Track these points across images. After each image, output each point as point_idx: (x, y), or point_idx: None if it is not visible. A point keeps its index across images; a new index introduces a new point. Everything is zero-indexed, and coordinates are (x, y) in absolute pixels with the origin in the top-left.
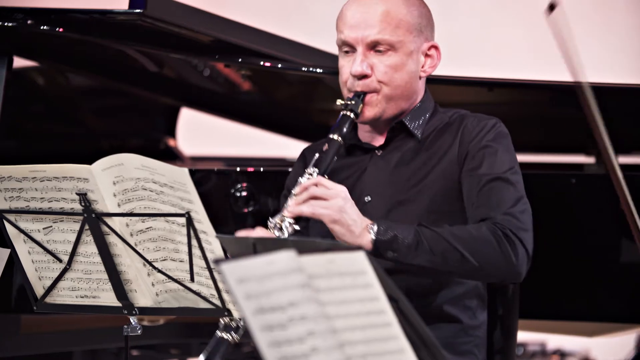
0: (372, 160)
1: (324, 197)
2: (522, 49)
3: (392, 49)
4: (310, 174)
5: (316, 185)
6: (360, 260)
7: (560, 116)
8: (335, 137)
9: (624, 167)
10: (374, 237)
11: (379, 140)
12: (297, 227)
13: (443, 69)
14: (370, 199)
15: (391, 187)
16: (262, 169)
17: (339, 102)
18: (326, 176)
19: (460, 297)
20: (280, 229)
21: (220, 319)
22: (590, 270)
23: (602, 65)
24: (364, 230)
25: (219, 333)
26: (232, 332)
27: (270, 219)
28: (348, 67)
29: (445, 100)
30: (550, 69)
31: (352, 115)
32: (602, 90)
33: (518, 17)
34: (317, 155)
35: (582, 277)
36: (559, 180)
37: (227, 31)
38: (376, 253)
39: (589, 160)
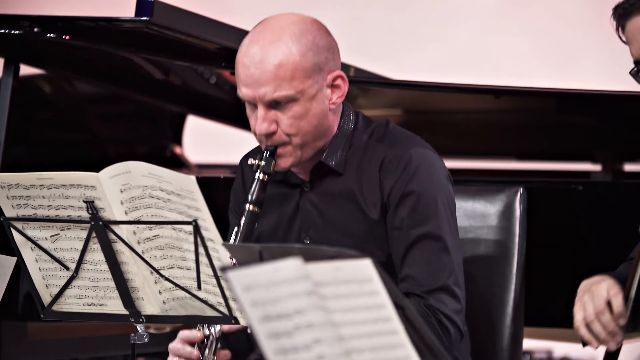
0: (303, 197)
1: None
2: (528, 57)
3: (292, 100)
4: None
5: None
6: (366, 268)
7: (566, 123)
8: (251, 207)
9: (630, 175)
10: None
11: (305, 175)
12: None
13: (449, 77)
14: (308, 241)
15: (326, 229)
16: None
17: (250, 161)
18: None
19: None
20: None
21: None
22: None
23: (607, 73)
24: None
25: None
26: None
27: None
28: (254, 119)
29: (451, 108)
30: (556, 76)
31: (265, 177)
32: (605, 98)
33: (525, 25)
34: (235, 229)
35: None
36: (565, 187)
37: (234, 38)
38: None
39: (595, 167)
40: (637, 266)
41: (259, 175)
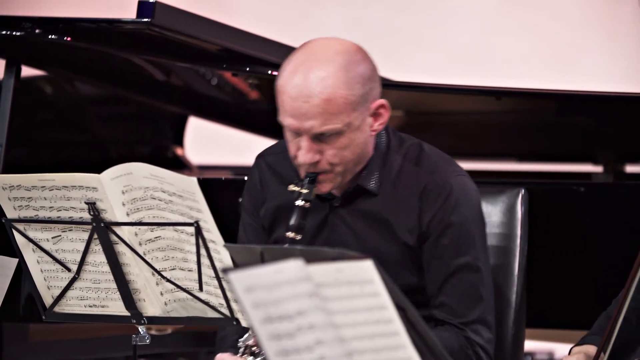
0: (332, 213)
1: None
2: (530, 58)
3: (339, 133)
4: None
5: None
6: (368, 269)
7: (567, 125)
8: (292, 235)
9: (632, 176)
10: None
11: (337, 190)
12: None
13: (450, 78)
14: None
15: (358, 247)
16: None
17: (291, 187)
18: None
19: None
20: (252, 354)
21: (240, 342)
22: (598, 279)
23: (607, 74)
24: None
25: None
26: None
27: (240, 339)
28: (294, 146)
29: (452, 109)
30: (557, 77)
31: (306, 204)
32: (607, 99)
33: (525, 26)
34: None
35: (589, 286)
36: (566, 189)
37: (235, 40)
38: None
39: (597, 169)
40: (612, 327)
41: (300, 203)
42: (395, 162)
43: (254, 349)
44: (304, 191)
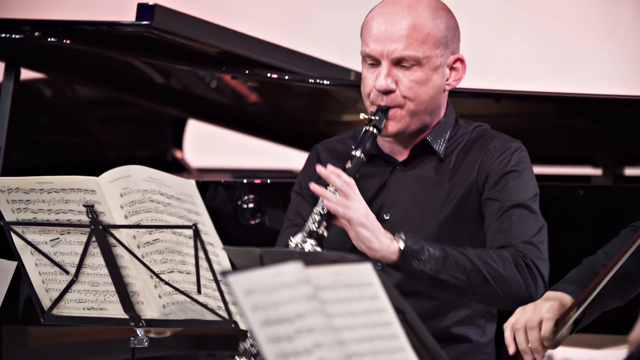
0: (393, 175)
1: (349, 195)
2: (529, 61)
3: (418, 64)
4: (334, 192)
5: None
6: (367, 272)
7: (567, 127)
8: (358, 154)
9: (631, 179)
10: (402, 245)
11: (401, 154)
12: (318, 249)
13: None
14: (389, 217)
15: (411, 207)
16: (269, 181)
17: (362, 116)
18: None
19: (469, 317)
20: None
21: (240, 344)
22: None
23: (607, 76)
24: (391, 239)
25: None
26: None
27: (292, 237)
28: (372, 80)
29: None
30: (557, 81)
31: (375, 131)
32: (606, 102)
33: (525, 29)
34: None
35: None
36: (566, 191)
37: (234, 43)
38: (401, 263)
39: (596, 172)
40: (593, 288)
41: (369, 128)
42: (463, 135)
43: (305, 245)
44: (375, 117)
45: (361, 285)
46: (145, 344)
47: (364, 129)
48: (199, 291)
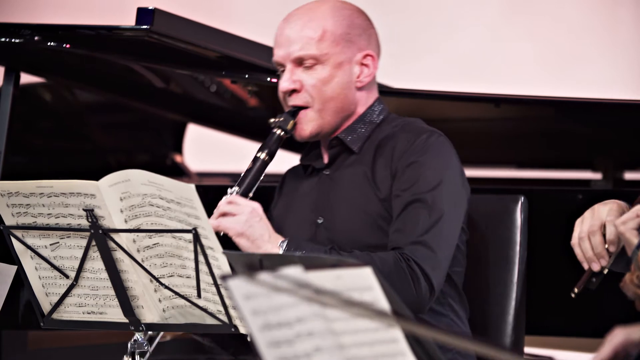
0: (321, 180)
1: (231, 213)
2: (529, 65)
3: (318, 62)
4: (230, 193)
5: (229, 203)
6: (367, 276)
7: (566, 132)
8: (261, 155)
9: (630, 183)
10: (281, 251)
11: (325, 159)
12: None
13: (450, 85)
14: (322, 220)
15: (341, 209)
16: (268, 185)
17: (271, 120)
18: (250, 194)
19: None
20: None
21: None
22: (597, 286)
23: (607, 80)
24: (273, 246)
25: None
26: None
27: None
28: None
29: (452, 116)
30: (557, 85)
31: (281, 132)
32: (606, 106)
33: (525, 33)
34: (242, 174)
35: (589, 293)
36: (565, 196)
37: (234, 47)
38: None
39: (596, 176)
40: None
41: (275, 130)
42: (385, 130)
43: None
44: (281, 119)
45: (361, 289)
46: (145, 348)
47: (272, 131)
48: (198, 295)
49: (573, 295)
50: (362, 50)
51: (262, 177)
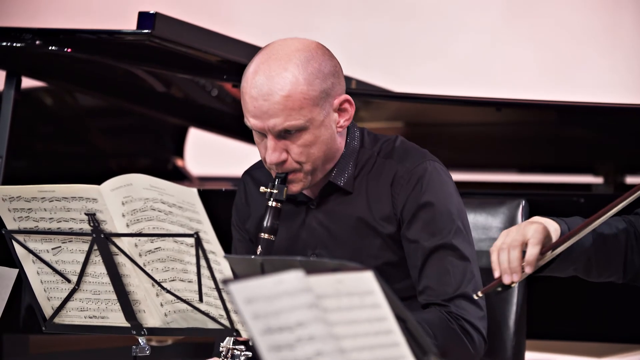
0: (309, 215)
1: None
2: (530, 69)
3: (302, 129)
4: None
5: None
6: (368, 280)
7: (568, 136)
8: (266, 236)
9: (631, 188)
10: None
11: (310, 192)
12: (249, 355)
13: (451, 89)
14: (316, 258)
15: (334, 246)
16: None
17: (262, 189)
18: None
19: None
20: (233, 356)
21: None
22: (598, 290)
23: (609, 84)
24: None
25: None
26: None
27: (222, 344)
28: (263, 148)
29: (454, 121)
30: (558, 89)
31: (277, 205)
32: (607, 111)
33: (527, 37)
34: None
35: (590, 298)
36: (566, 200)
37: (235, 51)
38: None
39: (597, 180)
40: (577, 233)
41: (271, 203)
42: (368, 159)
43: (234, 351)
44: (274, 191)
45: (362, 294)
46: (147, 352)
47: (267, 207)
48: (200, 299)
49: (476, 297)
50: (337, 96)
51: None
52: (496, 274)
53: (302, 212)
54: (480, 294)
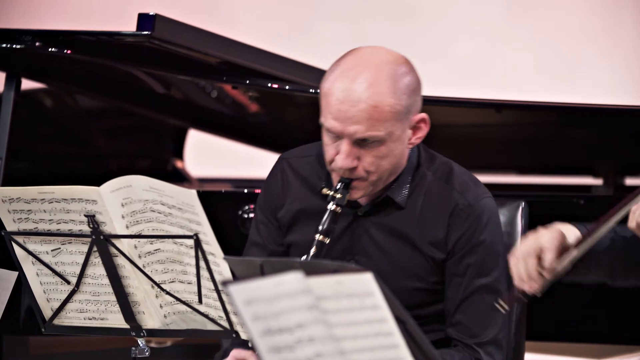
0: (356, 222)
1: None
2: (529, 70)
3: (379, 141)
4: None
5: None
6: (368, 282)
7: (567, 137)
8: (321, 238)
9: (631, 189)
10: None
11: (363, 199)
12: None
13: (451, 90)
14: (353, 263)
15: (376, 256)
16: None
17: (324, 191)
18: None
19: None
20: None
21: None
22: (597, 291)
23: (609, 86)
24: None
25: None
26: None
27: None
28: (333, 150)
29: (453, 122)
30: (558, 90)
31: (337, 209)
32: (607, 112)
33: (526, 38)
34: (303, 258)
35: (589, 299)
36: (566, 201)
37: (235, 53)
38: None
39: (597, 181)
40: (592, 234)
41: (332, 207)
42: (425, 178)
43: None
44: (338, 196)
45: (362, 295)
46: (146, 353)
47: (328, 210)
48: (200, 301)
49: (503, 311)
50: (416, 113)
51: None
52: (516, 284)
53: (349, 217)
54: (505, 306)
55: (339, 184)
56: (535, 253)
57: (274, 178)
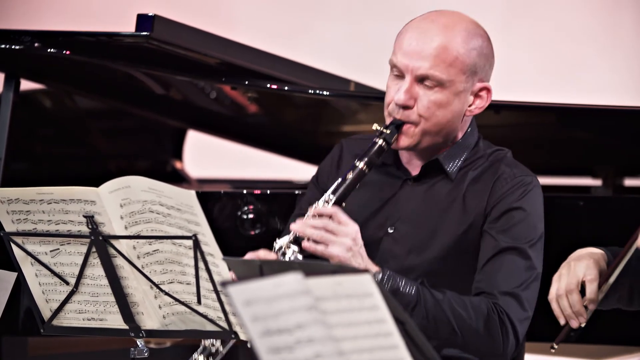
0: (403, 189)
1: (334, 231)
2: (529, 71)
3: (441, 85)
4: (327, 201)
5: (331, 216)
6: (367, 283)
7: (567, 138)
8: (362, 165)
9: (631, 190)
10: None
11: (413, 168)
12: (300, 257)
13: None
14: (393, 230)
15: (417, 225)
16: (268, 191)
17: (375, 126)
18: (343, 204)
19: None
20: (284, 254)
21: (202, 341)
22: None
23: (608, 87)
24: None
25: (195, 356)
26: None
27: (277, 239)
28: (394, 91)
29: None
30: (557, 91)
31: (384, 145)
32: (606, 113)
33: (526, 39)
34: (338, 180)
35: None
36: (565, 202)
37: (234, 53)
38: None
39: (596, 182)
40: (623, 256)
41: (379, 140)
42: (479, 159)
43: (288, 250)
44: (387, 131)
45: (361, 296)
46: (145, 354)
47: (373, 141)
48: (199, 302)
49: (552, 350)
50: (482, 81)
51: (357, 187)
52: (562, 322)
53: (397, 186)
54: (556, 346)
55: (391, 124)
56: (577, 287)
57: (331, 157)
